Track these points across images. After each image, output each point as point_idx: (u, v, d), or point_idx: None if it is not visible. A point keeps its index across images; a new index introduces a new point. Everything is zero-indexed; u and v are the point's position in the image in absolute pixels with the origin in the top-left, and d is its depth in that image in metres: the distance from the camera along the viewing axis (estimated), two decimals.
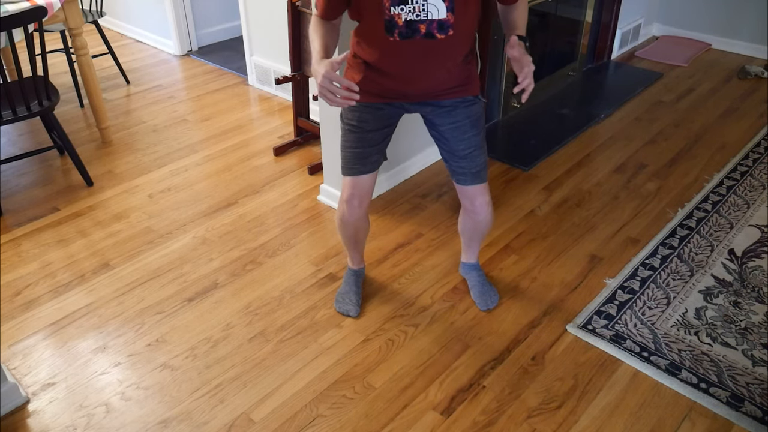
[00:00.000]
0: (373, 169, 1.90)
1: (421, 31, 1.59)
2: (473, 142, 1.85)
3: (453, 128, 1.83)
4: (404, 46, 1.62)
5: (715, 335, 2.08)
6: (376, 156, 1.89)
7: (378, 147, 1.88)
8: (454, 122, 1.82)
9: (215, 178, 3.02)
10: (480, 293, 2.22)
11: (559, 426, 1.79)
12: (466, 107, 1.81)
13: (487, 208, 1.99)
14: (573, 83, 4.00)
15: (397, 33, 1.59)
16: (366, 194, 1.94)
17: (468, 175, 1.90)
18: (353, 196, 1.92)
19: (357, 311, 2.18)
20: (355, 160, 1.87)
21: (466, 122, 1.82)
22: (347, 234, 2.10)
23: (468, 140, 1.84)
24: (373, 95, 1.78)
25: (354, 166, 1.88)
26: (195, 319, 2.19)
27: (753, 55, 4.41)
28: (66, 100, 3.85)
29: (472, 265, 2.28)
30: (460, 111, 1.81)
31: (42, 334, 2.13)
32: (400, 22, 1.57)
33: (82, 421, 1.82)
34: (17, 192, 2.93)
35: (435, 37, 1.60)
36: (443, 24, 1.59)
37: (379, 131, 1.85)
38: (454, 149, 1.86)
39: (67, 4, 2.93)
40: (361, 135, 1.84)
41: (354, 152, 1.86)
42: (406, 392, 1.90)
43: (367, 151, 1.86)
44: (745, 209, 2.73)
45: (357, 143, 1.85)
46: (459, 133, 1.83)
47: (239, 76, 4.21)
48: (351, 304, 2.19)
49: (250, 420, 1.82)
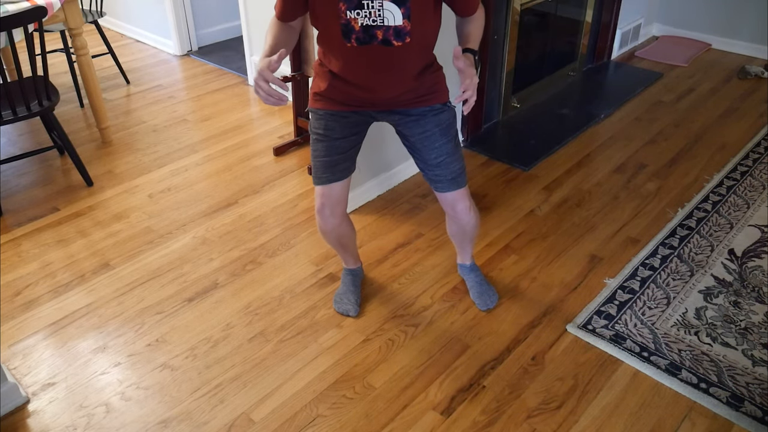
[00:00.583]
0: (342, 177, 1.88)
1: (378, 37, 1.58)
2: (444, 150, 1.82)
3: (423, 138, 1.80)
4: (362, 52, 1.61)
5: (715, 335, 2.08)
6: (345, 164, 1.86)
7: (346, 155, 1.86)
8: (423, 131, 1.80)
9: (215, 178, 3.02)
10: (479, 293, 2.22)
11: (559, 426, 1.79)
12: (435, 115, 1.79)
13: (469, 213, 1.96)
14: (573, 83, 4.00)
15: (354, 38, 1.58)
16: (337, 203, 1.91)
17: (444, 182, 1.87)
18: (324, 205, 1.91)
19: (356, 311, 2.18)
20: (324, 168, 1.85)
21: (435, 131, 1.79)
22: (330, 242, 2.10)
23: (438, 149, 1.81)
24: (338, 103, 1.77)
25: (323, 175, 1.86)
26: (195, 319, 2.19)
27: (753, 55, 4.41)
28: (66, 100, 3.85)
29: (468, 266, 2.28)
30: (429, 119, 1.78)
31: (42, 334, 2.13)
32: (356, 27, 1.56)
33: (82, 421, 1.82)
34: (17, 192, 2.94)
35: (392, 44, 1.59)
36: (400, 31, 1.57)
37: (346, 139, 1.83)
38: (426, 158, 1.84)
39: (67, 4, 2.93)
40: (328, 143, 1.82)
41: (323, 161, 1.84)
42: (406, 392, 1.90)
43: (335, 159, 1.84)
44: (745, 209, 2.73)
45: (325, 152, 1.83)
46: (429, 143, 1.81)
47: (239, 76, 4.21)
48: (350, 303, 2.19)
49: (250, 420, 1.82)
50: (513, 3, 3.14)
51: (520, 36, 3.32)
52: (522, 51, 3.45)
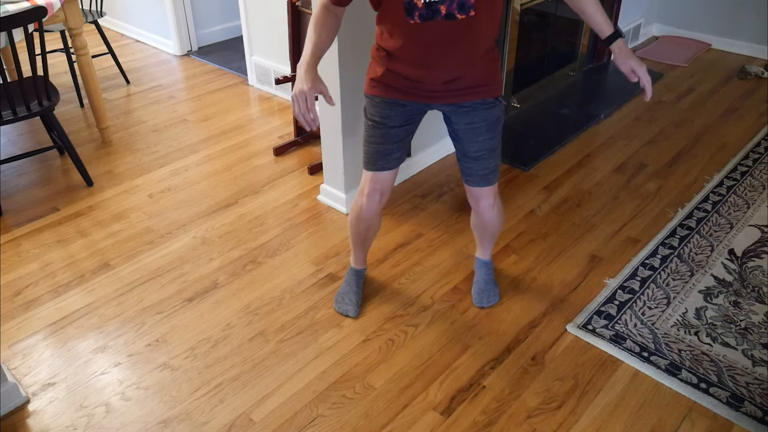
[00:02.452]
0: (395, 165, 1.91)
1: (441, 12, 1.56)
2: (486, 146, 1.84)
3: (468, 129, 1.82)
4: (425, 28, 1.59)
5: (715, 335, 2.08)
6: (398, 153, 1.89)
7: (400, 144, 1.88)
8: (470, 122, 1.81)
9: (215, 178, 3.02)
10: (479, 290, 2.23)
11: (559, 426, 1.79)
12: (485, 109, 1.79)
13: (492, 211, 1.99)
14: (573, 83, 4.00)
15: (417, 15, 1.57)
16: (387, 189, 1.95)
17: (475, 177, 1.90)
18: (374, 190, 1.93)
19: (356, 311, 2.18)
20: (378, 156, 1.87)
21: (482, 125, 1.81)
22: (359, 230, 2.09)
23: (481, 143, 1.83)
24: (394, 90, 1.77)
25: (377, 162, 1.88)
26: (195, 319, 2.19)
27: (753, 55, 4.41)
28: (66, 100, 3.85)
29: (483, 262, 2.29)
30: (479, 113, 1.79)
31: (42, 334, 2.13)
32: (419, 3, 1.55)
33: (82, 421, 1.82)
34: (17, 192, 2.94)
35: (456, 18, 1.57)
36: (464, 4, 1.56)
37: (401, 128, 1.84)
38: (466, 149, 1.86)
39: (67, 4, 2.93)
40: (384, 131, 1.83)
41: (377, 148, 1.86)
42: (406, 392, 1.90)
43: (389, 147, 1.86)
44: (745, 209, 2.73)
45: (380, 139, 1.85)
46: (473, 135, 1.82)
47: (239, 76, 4.21)
48: (350, 304, 2.19)
49: (250, 420, 1.82)
50: (513, 3, 3.14)
51: (520, 36, 3.32)
52: (522, 51, 3.45)
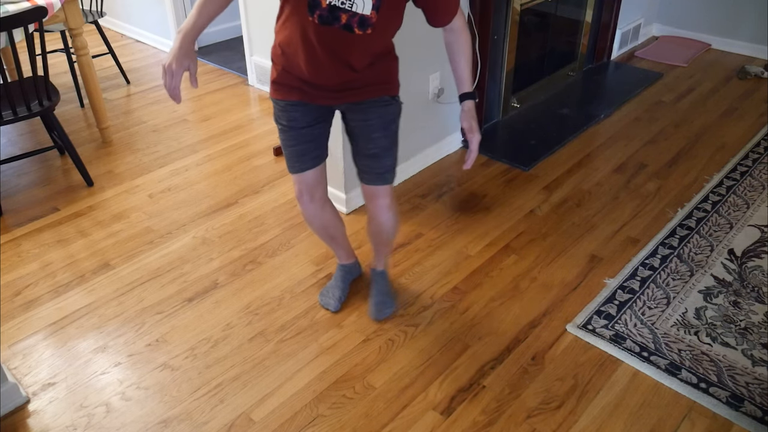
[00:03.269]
0: (315, 164, 1.88)
1: (341, 20, 1.53)
2: (381, 143, 1.80)
3: (364, 126, 1.79)
4: (321, 31, 1.56)
5: (715, 335, 2.08)
6: (316, 152, 1.87)
7: (316, 143, 1.85)
8: (365, 120, 1.78)
9: (215, 178, 3.02)
10: (376, 303, 2.19)
11: (559, 426, 1.79)
12: (381, 107, 1.77)
13: (387, 212, 1.93)
14: (573, 83, 4.00)
15: (317, 15, 1.53)
16: (315, 187, 1.93)
17: (371, 174, 1.85)
18: (301, 192, 1.93)
19: (337, 307, 2.19)
20: (296, 157, 1.86)
21: (377, 122, 1.78)
22: (317, 231, 2.11)
23: (375, 140, 1.80)
24: (294, 91, 1.75)
25: (295, 164, 1.87)
26: (195, 319, 2.19)
27: (753, 55, 4.41)
28: (66, 100, 3.85)
29: (379, 272, 2.23)
30: (374, 110, 1.77)
31: (42, 334, 2.13)
32: (323, 3, 1.51)
33: (82, 421, 1.82)
34: (17, 192, 2.94)
35: (353, 32, 1.55)
36: (365, 21, 1.54)
37: (312, 127, 1.82)
38: (361, 147, 1.83)
39: (67, 4, 2.93)
40: (294, 133, 1.81)
41: (293, 150, 1.85)
42: (406, 392, 1.90)
43: (305, 147, 1.84)
44: (745, 209, 2.73)
45: (293, 141, 1.83)
46: (368, 132, 1.79)
47: (239, 76, 4.21)
48: (332, 298, 2.21)
49: (250, 420, 1.82)
50: (513, 3, 3.14)
51: (520, 36, 3.32)
52: (522, 51, 3.45)
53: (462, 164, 3.10)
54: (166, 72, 1.63)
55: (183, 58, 1.63)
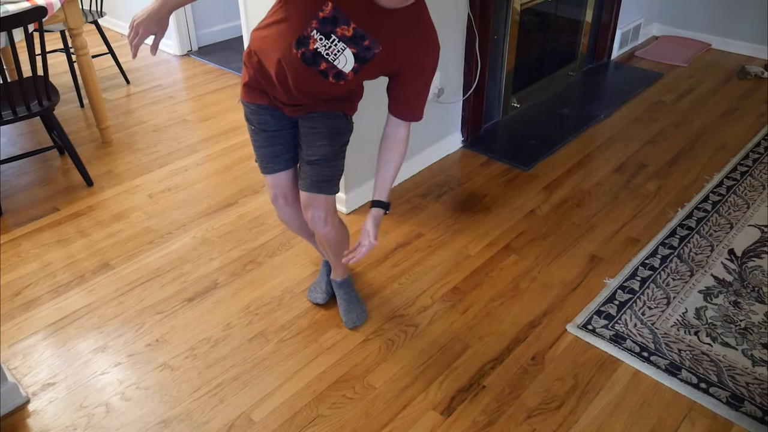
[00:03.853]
0: (287, 167, 1.89)
1: (320, 66, 1.59)
2: (322, 152, 1.79)
3: (310, 132, 1.79)
4: (298, 66, 1.61)
5: (715, 335, 2.08)
6: (289, 154, 1.88)
7: (288, 146, 1.87)
8: (313, 127, 1.79)
9: (215, 178, 3.02)
10: (346, 311, 2.17)
11: (559, 426, 1.79)
12: (331, 118, 1.79)
13: (324, 226, 1.89)
14: (573, 83, 4.00)
15: (301, 52, 1.59)
16: (288, 190, 1.94)
17: (307, 181, 1.82)
18: (276, 195, 1.95)
19: (325, 299, 2.22)
20: (269, 158, 1.87)
21: (323, 131, 1.78)
22: (295, 231, 2.12)
23: (318, 148, 1.79)
24: (264, 96, 1.77)
25: (268, 165, 1.88)
26: (195, 319, 2.19)
27: (753, 55, 4.41)
28: (66, 100, 3.85)
29: (338, 282, 2.21)
30: (321, 119, 1.78)
31: (42, 334, 2.13)
32: (311, 46, 1.57)
33: (82, 421, 1.82)
34: (17, 192, 2.94)
35: (327, 78, 1.62)
36: (341, 75, 1.61)
37: (283, 130, 1.84)
38: (304, 153, 1.83)
39: (67, 4, 2.93)
40: (267, 135, 1.83)
41: (267, 151, 1.86)
42: (406, 392, 1.90)
43: (278, 149, 1.85)
44: (745, 209, 2.73)
45: (266, 142, 1.84)
46: (312, 139, 1.79)
47: (239, 76, 4.21)
48: (320, 292, 2.23)
49: (250, 420, 1.82)
50: (513, 3, 3.14)
51: (520, 36, 3.32)
52: (522, 51, 3.45)
53: (461, 165, 3.11)
54: (133, 29, 1.65)
55: (152, 24, 1.65)
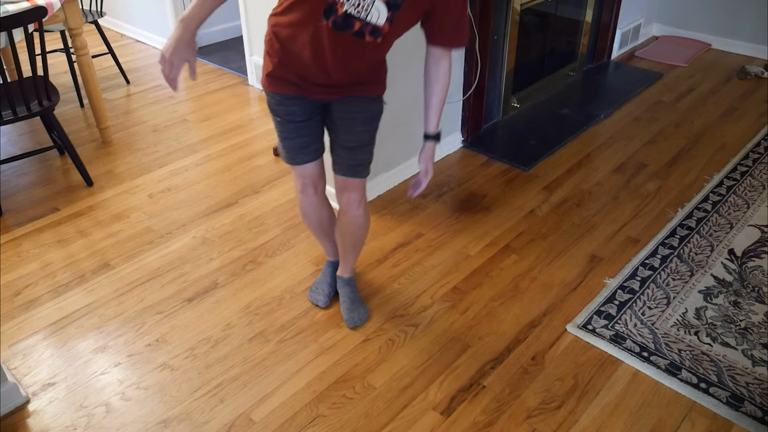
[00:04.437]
0: (316, 157, 1.90)
1: (354, 27, 1.56)
2: (360, 138, 1.82)
3: (348, 118, 1.80)
4: (333, 35, 1.58)
5: (715, 335, 2.08)
6: (316, 144, 1.88)
7: (314, 136, 1.87)
8: (349, 112, 1.79)
9: (215, 178, 3.02)
10: (348, 309, 2.17)
11: (559, 426, 1.79)
12: (367, 102, 1.79)
13: (358, 209, 1.93)
14: (573, 83, 4.00)
15: (332, 20, 1.55)
16: (318, 180, 1.95)
17: (344, 166, 1.86)
18: (306, 185, 1.94)
19: (326, 302, 2.20)
20: (297, 149, 1.86)
21: (360, 116, 1.80)
22: (312, 224, 2.11)
23: (355, 134, 1.81)
24: (290, 85, 1.75)
25: (296, 156, 1.88)
26: (195, 319, 2.19)
27: (753, 55, 4.41)
28: (66, 100, 3.85)
29: (345, 279, 2.21)
30: (358, 103, 1.78)
31: (42, 334, 2.13)
32: (339, 11, 1.54)
33: (82, 421, 1.82)
34: (17, 192, 2.94)
35: (364, 38, 1.59)
36: (377, 30, 1.57)
37: (310, 120, 1.83)
38: (340, 139, 1.84)
39: (67, 4, 2.93)
40: (294, 126, 1.82)
41: (294, 142, 1.85)
42: (406, 392, 1.90)
43: (305, 140, 1.85)
44: (745, 209, 2.73)
45: (294, 133, 1.84)
46: (350, 125, 1.80)
47: (239, 76, 4.21)
48: (322, 294, 2.22)
49: (250, 420, 1.82)
50: (513, 3, 3.14)
51: (520, 36, 3.32)
52: (522, 51, 3.45)
53: (461, 165, 3.10)
54: (166, 62, 1.61)
55: (183, 50, 1.62)
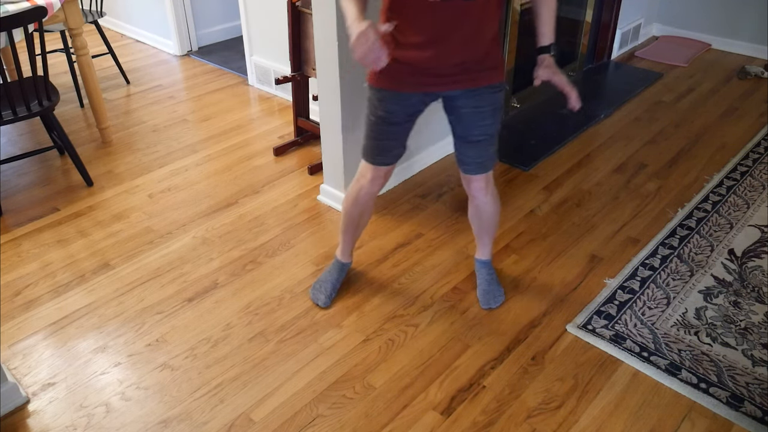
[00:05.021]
0: (394, 161, 1.96)
1: None
2: (488, 130, 1.86)
3: (475, 112, 1.82)
4: (443, 7, 1.60)
5: (715, 335, 2.08)
6: (399, 149, 1.93)
7: (400, 140, 1.91)
8: (477, 106, 1.81)
9: (215, 178, 3.02)
10: (484, 291, 2.23)
11: (559, 426, 1.79)
12: (492, 94, 1.81)
13: (486, 195, 2.01)
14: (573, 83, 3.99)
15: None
16: (387, 178, 2.01)
17: (472, 165, 1.93)
18: (376, 177, 1.99)
19: (327, 303, 2.21)
20: (377, 151, 1.92)
21: (487, 109, 1.82)
22: (353, 215, 2.12)
23: (483, 128, 1.85)
24: (401, 83, 1.78)
25: (376, 157, 1.93)
26: (195, 319, 2.19)
27: (753, 55, 4.41)
28: (66, 100, 3.85)
29: (483, 262, 2.29)
30: (486, 97, 1.81)
31: (42, 334, 2.13)
32: None
33: (82, 421, 1.82)
34: (17, 192, 2.94)
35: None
36: None
37: (404, 124, 1.87)
38: (468, 134, 1.87)
39: (67, 4, 2.93)
40: (385, 128, 1.86)
41: (378, 143, 1.90)
42: (406, 392, 1.90)
43: (390, 144, 1.90)
44: (745, 209, 2.73)
45: (382, 135, 1.88)
46: (478, 119, 1.83)
47: (239, 76, 4.21)
48: (323, 293, 2.23)
49: (250, 420, 1.82)
50: (513, 3, 3.14)
51: (520, 36, 3.32)
52: (522, 51, 3.45)
53: None
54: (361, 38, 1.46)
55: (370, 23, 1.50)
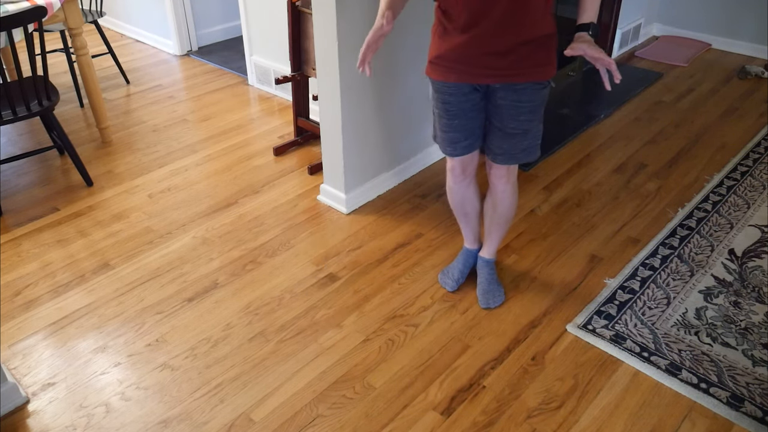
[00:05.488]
0: (465, 152, 1.97)
1: None
2: (525, 126, 1.86)
3: (513, 106, 1.82)
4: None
5: (715, 335, 2.08)
6: (466, 141, 1.94)
7: (467, 133, 1.92)
8: (517, 100, 1.81)
9: (215, 178, 3.02)
10: (484, 291, 2.23)
11: (559, 426, 1.79)
12: (535, 90, 1.81)
13: (505, 183, 2.01)
14: (573, 83, 4.00)
15: None
16: (466, 165, 2.02)
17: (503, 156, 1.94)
18: (454, 167, 2.03)
19: (454, 287, 2.27)
20: (446, 143, 1.96)
21: (527, 105, 1.82)
22: (454, 204, 2.17)
23: (521, 122, 1.85)
24: (453, 71, 1.79)
25: (447, 149, 1.97)
26: (195, 319, 2.19)
27: (753, 55, 4.41)
28: (66, 100, 3.85)
29: (486, 260, 2.28)
30: (527, 93, 1.81)
31: (42, 334, 2.13)
32: None
33: (82, 421, 1.82)
34: (17, 192, 2.94)
35: None
36: None
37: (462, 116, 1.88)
38: (504, 125, 1.87)
39: (67, 4, 2.93)
40: (447, 121, 1.89)
41: (445, 135, 1.94)
42: (406, 392, 1.90)
43: (455, 135, 1.92)
44: (745, 209, 2.73)
45: (446, 128, 1.92)
46: (516, 112, 1.84)
47: (239, 76, 4.21)
48: (451, 279, 2.28)
49: (250, 420, 1.82)
50: None
51: None
52: None
53: None
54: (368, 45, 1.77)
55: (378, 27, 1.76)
